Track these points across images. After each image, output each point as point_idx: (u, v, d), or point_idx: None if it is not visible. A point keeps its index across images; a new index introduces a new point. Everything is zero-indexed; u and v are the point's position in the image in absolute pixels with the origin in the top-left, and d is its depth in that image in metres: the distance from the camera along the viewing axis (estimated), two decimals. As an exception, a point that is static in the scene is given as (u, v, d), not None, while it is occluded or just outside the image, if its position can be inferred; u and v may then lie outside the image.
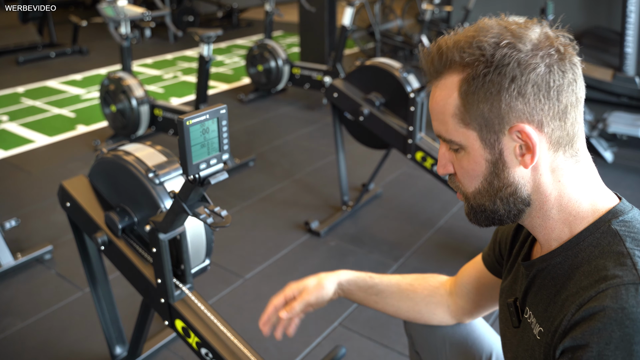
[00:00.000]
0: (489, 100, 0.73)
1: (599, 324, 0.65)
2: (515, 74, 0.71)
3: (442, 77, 0.78)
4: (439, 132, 0.81)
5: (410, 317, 1.19)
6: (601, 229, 0.75)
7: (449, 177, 0.86)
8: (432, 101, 0.80)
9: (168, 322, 1.44)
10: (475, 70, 0.73)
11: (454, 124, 0.77)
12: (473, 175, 0.79)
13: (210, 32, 3.24)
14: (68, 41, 6.91)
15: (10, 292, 2.25)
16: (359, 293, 1.18)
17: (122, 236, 1.50)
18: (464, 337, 1.18)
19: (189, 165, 1.08)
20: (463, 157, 0.79)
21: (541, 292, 0.81)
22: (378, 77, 2.55)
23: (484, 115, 0.74)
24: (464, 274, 1.14)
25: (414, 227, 2.72)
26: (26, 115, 4.49)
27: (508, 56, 0.71)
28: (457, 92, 0.76)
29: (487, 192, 0.79)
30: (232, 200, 3.00)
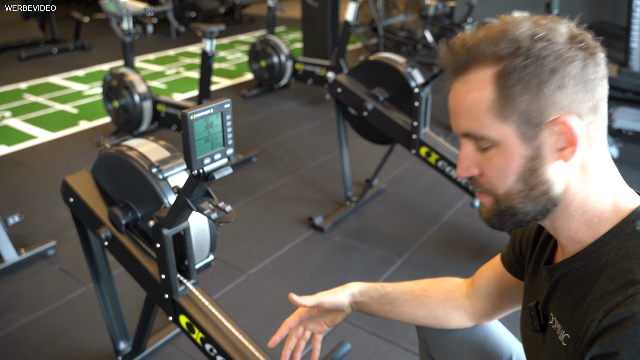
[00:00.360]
0: (528, 93, 0.71)
1: (629, 331, 0.63)
2: (554, 66, 0.70)
3: (470, 71, 0.75)
4: (468, 130, 0.77)
5: (427, 323, 1.16)
6: (625, 231, 0.73)
7: (471, 180, 0.82)
8: (459, 97, 0.77)
9: (172, 318, 1.44)
10: (513, 63, 0.71)
11: (489, 119, 0.74)
12: (506, 174, 0.76)
13: (213, 27, 3.23)
14: (70, 37, 6.91)
15: (14, 287, 2.25)
16: (373, 304, 1.14)
17: (125, 232, 1.49)
18: (482, 340, 1.15)
19: (193, 160, 1.07)
20: (495, 155, 0.76)
21: (565, 297, 0.79)
22: (382, 72, 2.54)
23: (524, 109, 0.72)
24: (482, 276, 1.12)
25: (418, 222, 2.71)
26: (29, 111, 4.49)
27: (545, 48, 0.70)
28: (492, 86, 0.73)
29: (520, 191, 0.76)
30: (236, 195, 2.99)
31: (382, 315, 1.16)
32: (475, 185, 0.81)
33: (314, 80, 4.49)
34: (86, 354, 1.89)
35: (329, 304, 1.10)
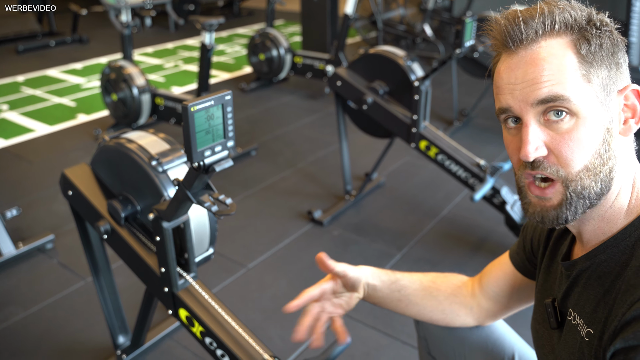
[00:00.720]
0: (605, 61, 0.72)
1: None
2: (615, 40, 0.73)
3: (544, 39, 0.72)
4: (553, 93, 0.70)
5: (434, 319, 1.13)
6: None
7: (535, 163, 0.74)
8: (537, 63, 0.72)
9: (172, 312, 1.43)
10: (590, 32, 0.72)
11: (576, 80, 0.71)
12: (587, 146, 0.71)
13: (212, 20, 3.21)
14: (68, 30, 6.87)
15: (12, 281, 2.24)
16: (383, 289, 1.10)
17: (125, 225, 1.49)
18: (484, 338, 1.13)
19: (193, 152, 1.06)
20: (575, 127, 0.71)
21: (587, 292, 0.77)
22: (382, 66, 2.52)
23: (603, 75, 0.72)
24: (489, 276, 1.09)
25: (417, 216, 2.70)
26: (26, 105, 4.46)
27: (606, 24, 0.73)
28: (572, 51, 0.71)
29: (595, 168, 0.72)
30: (235, 189, 2.99)
31: (389, 304, 1.12)
32: (539, 167, 0.73)
33: (313, 74, 4.48)
34: (85, 347, 1.89)
35: (353, 275, 1.06)
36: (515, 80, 0.73)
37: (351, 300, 1.10)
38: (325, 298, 1.08)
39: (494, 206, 2.38)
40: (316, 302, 1.06)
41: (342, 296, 1.09)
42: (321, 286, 1.07)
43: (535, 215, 0.76)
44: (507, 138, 0.78)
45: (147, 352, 1.86)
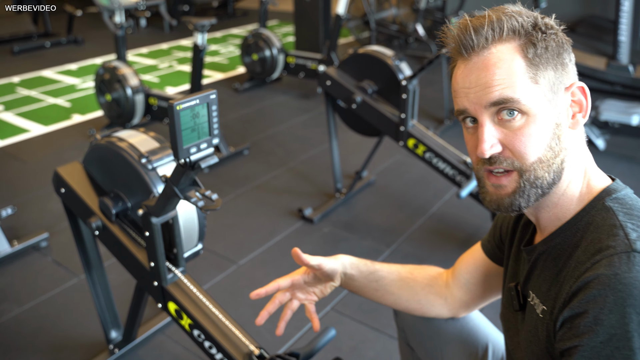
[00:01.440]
0: (551, 62, 0.77)
1: (594, 291, 0.68)
2: (561, 41, 0.79)
3: (494, 45, 0.77)
4: (503, 96, 0.76)
5: (410, 308, 1.17)
6: (596, 207, 0.78)
7: (492, 158, 0.80)
8: (488, 68, 0.77)
9: (161, 305, 1.47)
10: (536, 35, 0.77)
11: (524, 83, 0.76)
12: (539, 141, 0.77)
13: (204, 20, 3.25)
14: (63, 31, 6.89)
15: (7, 278, 2.28)
16: (360, 279, 1.14)
17: (116, 221, 1.53)
18: (459, 328, 1.17)
19: (179, 149, 1.10)
20: (526, 124, 0.77)
21: (543, 274, 0.83)
22: (371, 65, 2.57)
23: (549, 75, 0.77)
24: (462, 264, 1.14)
25: (407, 214, 2.75)
26: (22, 105, 4.49)
27: (552, 28, 0.78)
28: (520, 55, 0.76)
29: (548, 160, 0.78)
30: (227, 188, 3.03)
31: (366, 293, 1.16)
32: (496, 162, 0.79)
33: (305, 74, 4.52)
34: (78, 342, 1.93)
35: (328, 268, 1.10)
36: (469, 84, 0.79)
37: (325, 288, 1.15)
38: (297, 288, 1.13)
39: (480, 202, 2.42)
40: (285, 291, 1.13)
41: (316, 285, 1.14)
42: (292, 277, 1.13)
43: (492, 203, 0.82)
44: (466, 136, 0.85)
45: (139, 346, 1.90)
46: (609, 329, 0.66)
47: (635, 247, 0.69)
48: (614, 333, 0.65)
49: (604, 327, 0.66)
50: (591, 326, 0.67)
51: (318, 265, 1.09)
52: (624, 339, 0.65)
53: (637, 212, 0.76)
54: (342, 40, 6.65)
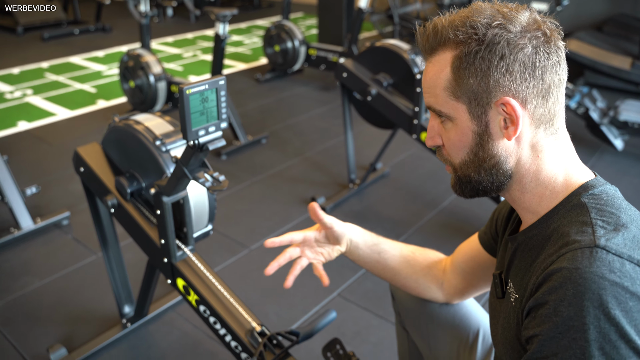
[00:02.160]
0: (478, 76, 0.78)
1: (556, 283, 0.70)
2: (504, 52, 0.77)
3: (436, 53, 0.83)
4: (430, 104, 0.86)
5: (407, 286, 1.21)
6: (572, 202, 0.80)
7: (437, 150, 0.90)
8: (425, 75, 0.86)
9: (170, 281, 1.54)
10: (468, 48, 0.78)
11: (445, 97, 0.82)
12: (460, 147, 0.84)
13: (225, 11, 3.31)
14: (91, 19, 7.04)
15: (29, 253, 2.39)
16: (364, 248, 1.19)
17: (130, 200, 1.60)
18: (452, 314, 1.21)
19: (188, 132, 1.16)
20: (451, 129, 0.84)
21: (520, 264, 0.86)
22: (387, 58, 2.60)
23: (473, 89, 0.79)
24: (459, 252, 1.18)
25: (418, 206, 2.78)
26: (49, 90, 4.63)
27: (499, 36, 0.77)
28: (449, 67, 0.81)
29: (473, 162, 0.84)
30: (243, 175, 3.09)
31: (368, 264, 1.21)
32: (439, 155, 0.90)
33: (326, 66, 4.56)
34: (94, 316, 2.02)
35: (338, 229, 1.16)
36: (422, 86, 0.88)
37: (332, 252, 1.20)
38: (307, 245, 1.19)
39: (491, 198, 2.45)
40: (296, 246, 1.19)
41: (325, 246, 1.20)
42: (305, 233, 1.19)
43: (452, 187, 0.92)
44: None
45: (150, 322, 1.98)
46: (567, 321, 0.68)
47: (598, 243, 0.71)
48: (572, 325, 0.68)
49: (563, 318, 0.68)
50: (551, 317, 0.70)
51: (330, 224, 1.16)
52: (581, 331, 0.67)
53: (610, 209, 0.77)
54: (365, 34, 6.67)
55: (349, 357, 1.33)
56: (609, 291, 0.67)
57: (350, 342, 1.89)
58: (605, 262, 0.69)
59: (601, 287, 0.67)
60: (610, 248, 0.71)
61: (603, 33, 4.97)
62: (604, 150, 3.40)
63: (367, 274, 2.23)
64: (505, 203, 1.06)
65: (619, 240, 0.72)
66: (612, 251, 0.70)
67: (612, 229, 0.74)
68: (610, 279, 0.68)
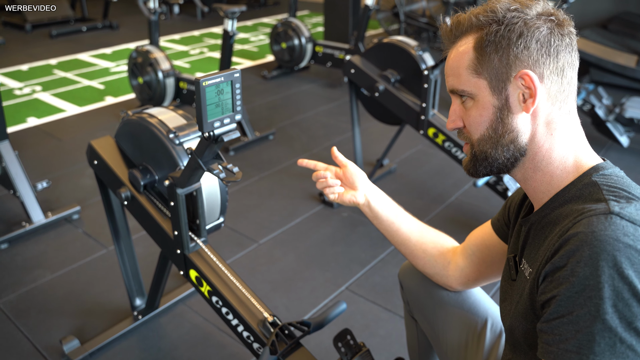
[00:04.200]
0: (498, 52, 0.84)
1: (572, 246, 0.74)
2: (522, 30, 0.83)
3: (461, 39, 0.90)
4: (453, 86, 0.91)
5: (414, 254, 1.23)
6: (583, 182, 0.84)
7: (458, 132, 0.95)
8: (449, 61, 0.92)
9: (183, 272, 1.56)
10: (489, 29, 0.85)
11: (467, 75, 0.88)
12: (480, 122, 0.89)
13: (234, 7, 3.33)
14: (99, 16, 7.08)
15: (41, 247, 2.42)
16: (384, 204, 1.24)
17: (143, 192, 1.62)
18: (460, 303, 1.23)
19: (204, 123, 1.18)
20: (472, 107, 0.89)
21: (534, 242, 0.90)
22: (394, 55, 2.62)
23: (494, 65, 0.85)
24: (471, 237, 1.20)
25: (425, 202, 2.80)
26: (58, 86, 4.67)
27: (516, 17, 0.84)
28: (472, 48, 0.87)
29: (491, 138, 0.88)
30: (251, 170, 3.12)
31: (382, 222, 1.24)
32: (460, 136, 0.95)
33: (333, 63, 4.58)
34: (105, 308, 2.04)
35: (352, 169, 1.24)
36: (445, 72, 0.95)
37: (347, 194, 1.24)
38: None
39: (498, 193, 2.46)
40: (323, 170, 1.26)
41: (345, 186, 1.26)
42: (329, 166, 1.27)
43: (464, 167, 0.97)
44: None
45: (161, 314, 2.00)
46: (583, 280, 0.72)
47: (613, 210, 0.75)
48: (587, 284, 0.72)
49: (579, 278, 0.72)
50: (568, 277, 0.74)
51: (345, 163, 1.25)
52: (596, 289, 0.71)
53: (621, 187, 0.81)
54: (373, 31, 6.68)
55: (359, 347, 1.35)
56: (623, 252, 0.71)
57: (359, 335, 1.91)
58: (619, 227, 0.73)
59: (615, 249, 0.71)
60: (624, 215, 0.75)
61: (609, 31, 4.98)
62: (610, 147, 3.41)
63: (375, 267, 2.25)
64: (518, 192, 1.09)
65: (632, 209, 0.76)
66: (626, 217, 0.74)
67: (624, 202, 0.78)
68: (624, 241, 0.72)
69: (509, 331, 0.95)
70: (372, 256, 2.32)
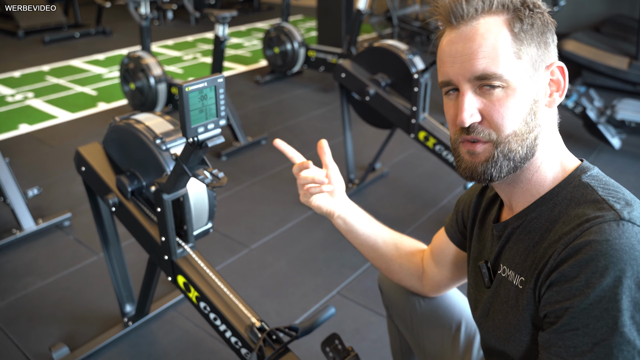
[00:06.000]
0: (534, 39, 0.79)
1: (586, 256, 0.71)
2: (546, 21, 0.81)
3: (483, 17, 0.79)
4: (486, 69, 0.78)
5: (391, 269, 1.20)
6: (573, 184, 0.82)
7: (470, 128, 0.81)
8: (475, 39, 0.79)
9: (171, 278, 1.56)
10: (523, 12, 0.79)
11: (507, 57, 0.78)
12: (515, 115, 0.79)
13: (225, 12, 3.34)
14: (92, 22, 7.08)
15: (31, 254, 2.41)
16: (356, 215, 1.18)
17: (131, 198, 1.62)
18: (435, 307, 1.22)
19: (187, 129, 1.18)
20: (505, 97, 0.79)
21: (517, 247, 0.86)
22: (385, 59, 2.62)
23: (532, 53, 0.79)
24: (435, 242, 1.17)
25: (417, 205, 2.80)
26: (50, 93, 4.66)
27: (539, 7, 0.81)
28: (507, 30, 0.78)
29: (523, 134, 0.80)
30: (243, 176, 3.11)
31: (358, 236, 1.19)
32: (474, 132, 0.81)
33: (325, 68, 4.58)
34: (95, 315, 2.03)
35: (336, 175, 1.20)
36: (455, 53, 0.81)
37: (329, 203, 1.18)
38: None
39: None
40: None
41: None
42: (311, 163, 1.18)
43: (466, 170, 0.84)
44: (447, 104, 0.86)
45: (151, 320, 1.99)
46: (599, 292, 0.69)
47: (623, 216, 0.73)
48: (604, 295, 0.69)
49: (595, 290, 0.69)
50: (582, 289, 0.70)
51: (326, 163, 1.19)
52: (613, 301, 0.69)
53: (613, 187, 0.80)
54: (365, 36, 6.69)
55: (347, 351, 1.35)
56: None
57: (349, 339, 1.90)
58: (633, 234, 0.71)
59: (632, 258, 0.69)
60: (635, 220, 0.73)
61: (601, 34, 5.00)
62: (602, 149, 3.42)
63: (366, 272, 2.25)
64: (469, 194, 1.06)
65: (638, 214, 0.74)
66: (638, 224, 0.72)
67: (625, 204, 0.75)
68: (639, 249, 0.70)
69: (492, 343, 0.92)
70: (363, 260, 2.31)
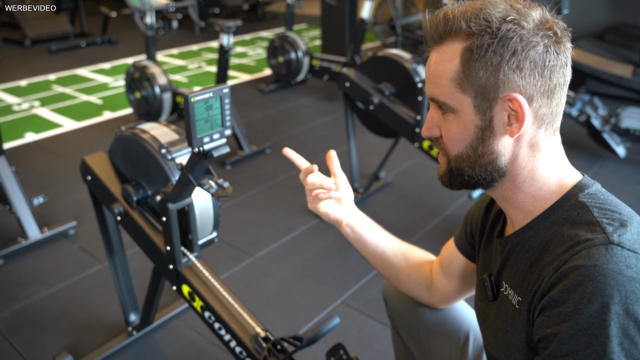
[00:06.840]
0: (488, 69, 0.77)
1: (574, 281, 0.71)
2: (517, 48, 0.76)
3: (445, 42, 0.81)
4: (433, 95, 0.83)
5: (399, 279, 1.20)
6: (569, 202, 0.81)
7: (434, 140, 0.89)
8: (431, 64, 0.83)
9: (176, 287, 1.56)
10: (480, 40, 0.77)
11: (451, 88, 0.80)
12: (460, 140, 0.83)
13: (230, 22, 3.36)
14: (98, 31, 7.13)
15: (37, 262, 2.41)
16: (365, 224, 1.19)
17: (136, 207, 1.62)
18: (442, 318, 1.21)
19: (193, 139, 1.19)
20: (453, 121, 0.82)
21: (517, 265, 0.86)
22: (389, 68, 2.63)
23: (481, 83, 0.78)
24: (444, 253, 1.17)
25: (421, 214, 2.79)
26: (56, 101, 4.69)
27: (512, 31, 0.76)
28: (458, 59, 0.79)
29: (469, 157, 0.83)
30: (247, 184, 3.12)
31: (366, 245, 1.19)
32: (436, 144, 0.89)
33: (329, 77, 4.60)
34: (100, 324, 2.03)
35: (342, 181, 1.21)
36: (426, 73, 0.87)
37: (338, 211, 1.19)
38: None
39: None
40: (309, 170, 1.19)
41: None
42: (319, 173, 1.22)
43: (438, 176, 0.92)
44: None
45: (156, 330, 1.99)
46: (587, 318, 0.69)
47: (612, 240, 0.72)
48: (592, 322, 0.69)
49: (583, 316, 0.69)
50: (571, 315, 0.70)
51: (334, 172, 1.21)
52: (602, 327, 0.68)
53: (610, 207, 0.79)
54: (369, 44, 6.72)
55: (352, 361, 1.34)
56: (628, 287, 0.68)
57: (354, 349, 1.89)
58: (621, 258, 0.70)
59: (620, 283, 0.68)
60: (625, 244, 0.72)
61: (604, 42, 5.00)
62: (607, 158, 3.41)
63: (371, 281, 2.25)
64: (477, 206, 1.06)
65: (629, 236, 0.73)
66: (627, 247, 0.71)
67: (618, 226, 0.75)
68: (628, 274, 0.69)
69: (496, 357, 0.93)
70: (368, 269, 2.31)
